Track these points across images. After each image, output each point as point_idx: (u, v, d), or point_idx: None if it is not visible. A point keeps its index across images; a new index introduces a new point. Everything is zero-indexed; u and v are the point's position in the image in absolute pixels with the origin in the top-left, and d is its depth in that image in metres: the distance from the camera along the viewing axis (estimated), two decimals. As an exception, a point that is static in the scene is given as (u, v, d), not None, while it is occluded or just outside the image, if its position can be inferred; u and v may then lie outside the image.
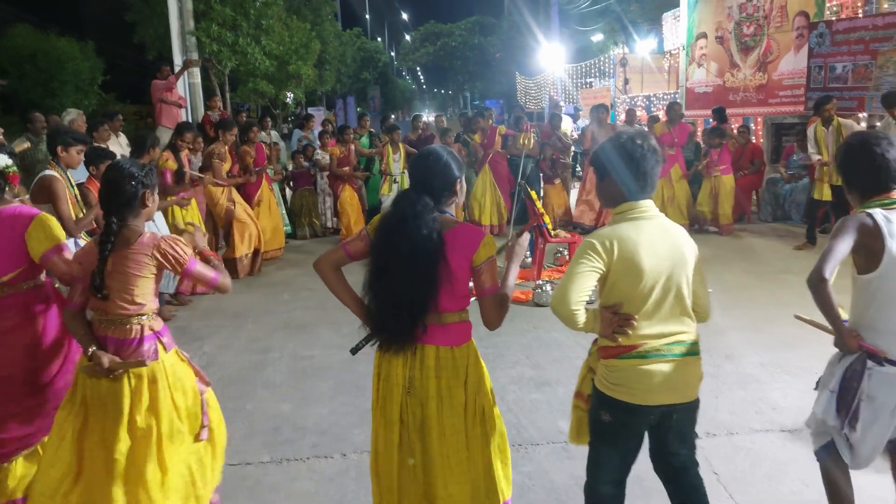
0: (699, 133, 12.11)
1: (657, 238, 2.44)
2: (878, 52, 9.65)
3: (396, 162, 9.93)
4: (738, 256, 8.64)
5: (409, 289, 2.49)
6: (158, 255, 2.83)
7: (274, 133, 11.92)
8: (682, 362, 2.46)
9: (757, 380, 4.80)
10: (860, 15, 11.33)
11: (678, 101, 13.67)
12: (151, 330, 2.89)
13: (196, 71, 12.85)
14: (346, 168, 10.12)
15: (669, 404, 2.47)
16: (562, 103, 18.09)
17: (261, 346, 5.84)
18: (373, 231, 2.63)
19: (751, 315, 6.15)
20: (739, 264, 8.13)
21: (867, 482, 3.15)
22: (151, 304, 2.89)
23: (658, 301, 2.43)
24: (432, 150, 2.68)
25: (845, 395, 2.62)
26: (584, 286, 2.39)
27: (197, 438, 2.98)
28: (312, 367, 5.35)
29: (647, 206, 2.50)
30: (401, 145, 10.25)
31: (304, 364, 5.40)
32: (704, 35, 13.78)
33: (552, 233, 7.64)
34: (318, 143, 11.06)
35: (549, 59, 26.13)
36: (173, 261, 2.85)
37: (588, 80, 23.62)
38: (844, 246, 2.53)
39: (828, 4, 11.40)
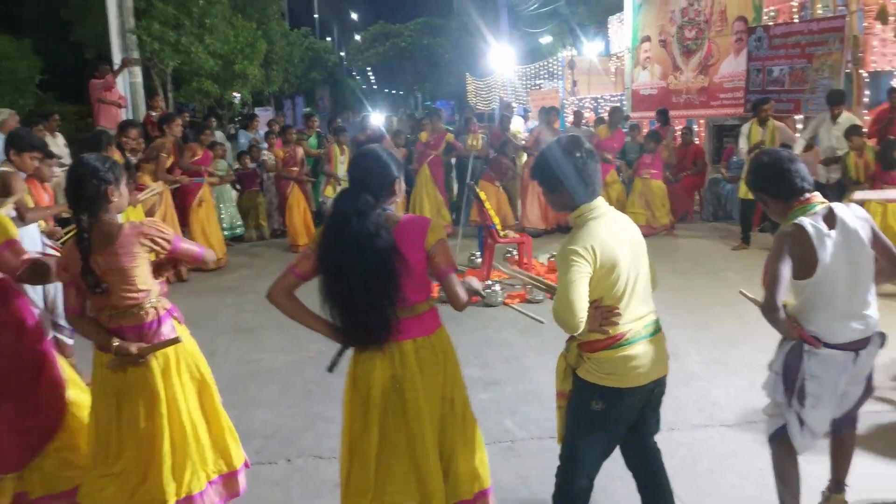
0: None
1: (620, 232, 2.59)
2: (814, 56, 9.99)
3: (343, 164, 9.83)
4: (682, 256, 8.84)
5: (371, 286, 2.51)
6: (147, 241, 2.90)
7: (219, 133, 11.71)
8: (656, 339, 2.65)
9: (699, 377, 4.90)
10: (796, 20, 11.70)
11: (621, 105, 13.92)
12: (165, 309, 3.03)
13: (137, 70, 12.54)
14: (294, 169, 10.00)
15: (655, 380, 2.64)
16: (514, 105, 18.21)
17: (204, 351, 5.57)
18: (317, 244, 2.61)
19: (694, 314, 6.29)
20: (682, 264, 8.32)
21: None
22: (154, 286, 2.99)
23: (631, 288, 2.58)
24: (370, 149, 2.70)
25: (789, 374, 2.83)
26: (584, 292, 2.46)
27: None
28: (259, 370, 5.26)
29: (600, 203, 2.62)
30: (346, 147, 10.17)
31: (250, 368, 5.31)
32: (648, 38, 14.06)
33: (501, 233, 7.68)
34: (265, 143, 10.91)
35: (499, 60, 26.28)
36: (162, 241, 2.94)
37: (537, 82, 23.84)
38: (786, 268, 2.72)
39: (765, 10, 11.75)
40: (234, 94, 16.61)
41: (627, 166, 10.68)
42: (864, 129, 8.57)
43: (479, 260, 8.05)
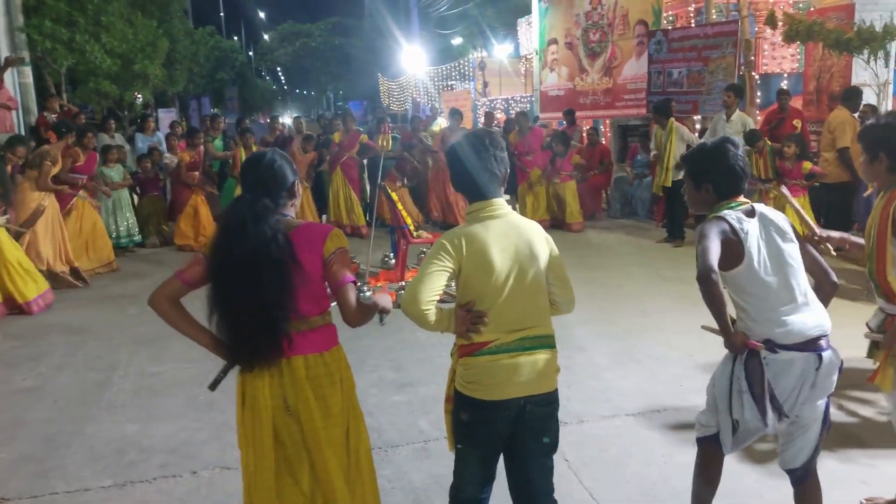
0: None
1: (506, 235, 2.48)
2: (709, 59, 10.45)
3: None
4: (590, 252, 9.08)
5: (264, 298, 2.35)
6: None
7: (118, 136, 11.21)
8: (533, 355, 2.47)
9: (607, 369, 5.04)
10: (692, 24, 12.23)
11: (524, 109, 14.19)
12: None
13: (27, 70, 11.85)
14: (196, 174, 9.68)
15: (522, 397, 2.47)
16: (436, 105, 18.27)
17: (104, 364, 5.46)
18: (209, 250, 2.46)
19: (602, 308, 6.46)
20: (591, 260, 8.55)
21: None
22: None
23: (510, 297, 2.45)
24: (264, 153, 2.59)
25: (753, 390, 2.60)
26: (434, 285, 2.40)
27: None
28: (161, 383, 5.06)
29: (498, 203, 2.53)
30: (255, 149, 9.93)
31: (152, 381, 5.10)
32: (555, 41, 14.39)
33: (414, 234, 7.67)
34: (165, 145, 10.52)
35: (411, 61, 26.33)
36: None
37: (449, 83, 24.01)
38: (715, 244, 2.55)
39: (664, 14, 12.22)
40: (136, 94, 15.92)
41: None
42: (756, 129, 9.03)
43: (393, 261, 8.02)
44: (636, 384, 4.72)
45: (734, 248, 2.58)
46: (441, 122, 11.95)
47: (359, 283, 7.12)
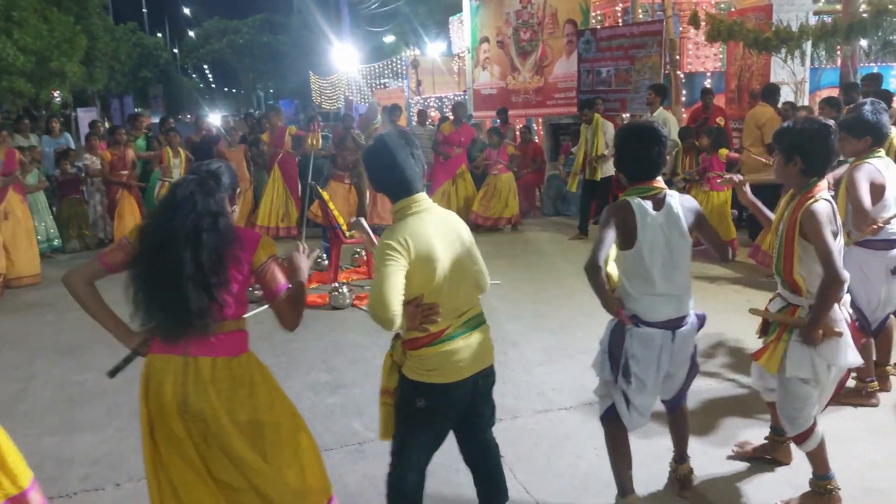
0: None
1: (440, 227, 2.59)
2: (636, 58, 10.70)
3: (177, 167, 9.28)
4: (523, 250, 9.17)
5: (205, 263, 2.33)
6: None
7: (34, 137, 10.71)
8: (478, 333, 2.66)
9: (540, 364, 5.08)
10: (620, 24, 12.49)
11: (463, 101, 14.22)
12: None
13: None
14: (123, 173, 9.35)
15: (476, 372, 2.66)
16: (376, 103, 18.08)
17: (21, 375, 5.20)
18: (134, 237, 2.47)
19: (534, 303, 6.52)
20: (525, 257, 8.63)
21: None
22: None
23: (453, 285, 2.57)
24: (213, 161, 2.64)
25: (614, 351, 2.98)
26: (399, 286, 2.43)
27: None
28: (84, 392, 4.85)
29: (422, 198, 2.62)
30: (181, 149, 9.65)
31: (73, 391, 4.88)
32: (487, 39, 14.46)
33: (347, 234, 7.58)
34: (85, 145, 10.11)
35: (343, 59, 26.06)
36: None
37: (382, 81, 23.88)
38: (609, 235, 2.87)
39: (592, 14, 12.44)
40: (53, 93, 15.27)
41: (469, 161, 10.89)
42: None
43: (326, 262, 7.91)
44: (568, 378, 4.78)
45: (630, 232, 2.88)
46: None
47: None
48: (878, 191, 3.90)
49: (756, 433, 3.80)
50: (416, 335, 2.57)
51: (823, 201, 2.99)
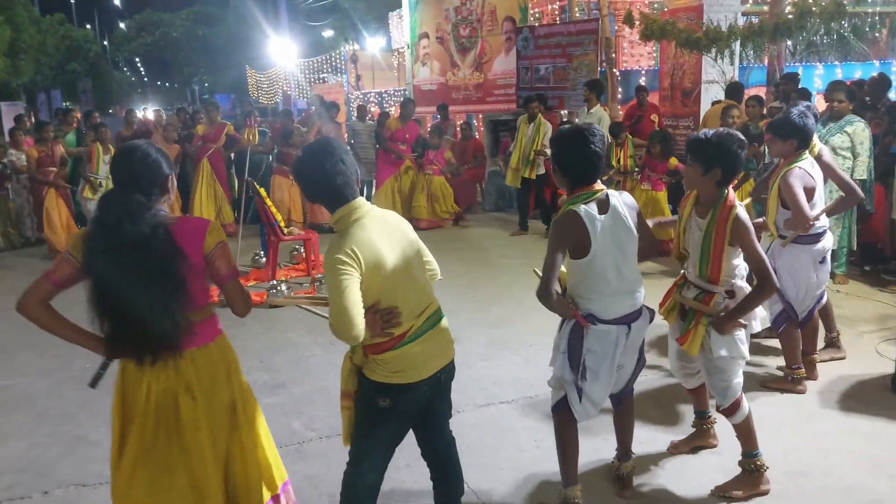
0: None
1: (383, 230, 2.54)
2: (573, 56, 10.85)
3: (106, 163, 8.93)
4: (465, 245, 9.22)
5: (157, 293, 2.32)
6: None
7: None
8: (438, 329, 2.66)
9: (481, 358, 5.12)
10: (557, 22, 12.65)
11: (412, 98, 14.19)
12: None
13: None
14: (52, 170, 9.00)
15: (441, 368, 2.67)
16: (317, 98, 17.81)
17: (-60, 381, 4.95)
18: (77, 250, 2.37)
19: (476, 298, 6.57)
20: (466, 252, 8.67)
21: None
22: None
23: (407, 285, 2.56)
24: (137, 145, 2.49)
25: (573, 352, 3.00)
26: (357, 300, 2.41)
27: None
28: (10, 397, 4.66)
29: (359, 204, 2.55)
30: (111, 146, 9.33)
31: (-3, 396, 4.69)
32: (426, 35, 14.45)
33: (285, 230, 7.48)
34: (10, 140, 9.70)
35: (280, 53, 25.65)
36: None
37: (321, 76, 23.61)
38: (559, 257, 2.90)
39: (530, 11, 12.56)
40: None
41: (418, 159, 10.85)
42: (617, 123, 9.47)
43: (264, 260, 7.79)
44: (510, 372, 4.83)
45: (583, 241, 2.90)
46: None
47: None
48: (809, 193, 4.08)
49: (686, 426, 3.90)
50: (378, 340, 2.54)
51: (742, 209, 3.16)
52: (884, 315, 5.61)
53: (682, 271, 3.48)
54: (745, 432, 3.28)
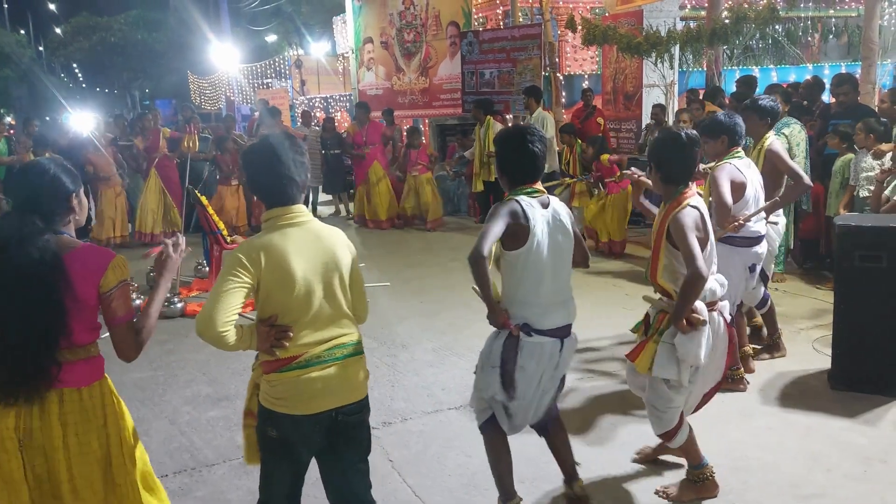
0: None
1: (307, 243, 2.40)
2: (518, 61, 10.92)
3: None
4: (412, 249, 9.18)
5: (30, 324, 2.15)
6: None
7: None
8: (343, 364, 2.45)
9: (430, 364, 5.09)
10: (501, 27, 12.73)
11: (363, 102, 14.08)
12: None
13: None
14: (-23, 179, 8.63)
15: (335, 408, 2.43)
16: (262, 103, 17.53)
17: None
18: None
19: (425, 303, 6.53)
20: (414, 257, 8.63)
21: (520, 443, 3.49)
22: None
23: (314, 307, 2.39)
24: (35, 163, 2.34)
25: (506, 367, 2.86)
26: (232, 304, 2.27)
27: None
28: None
29: (297, 210, 2.44)
30: (48, 153, 9.01)
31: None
32: (371, 40, 14.38)
33: (228, 239, 7.31)
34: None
35: (223, 58, 25.19)
36: None
37: (266, 81, 23.30)
38: (498, 228, 2.78)
39: (474, 16, 12.60)
40: None
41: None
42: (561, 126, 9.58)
43: (207, 269, 7.60)
44: (458, 378, 4.80)
45: (520, 231, 2.83)
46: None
47: (170, 294, 6.73)
48: (738, 189, 4.14)
49: (635, 429, 3.93)
50: (268, 357, 2.40)
51: (690, 208, 3.08)
52: (820, 311, 5.78)
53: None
54: (688, 450, 3.25)
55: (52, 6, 45.02)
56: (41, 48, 42.70)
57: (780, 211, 4.75)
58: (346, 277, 2.48)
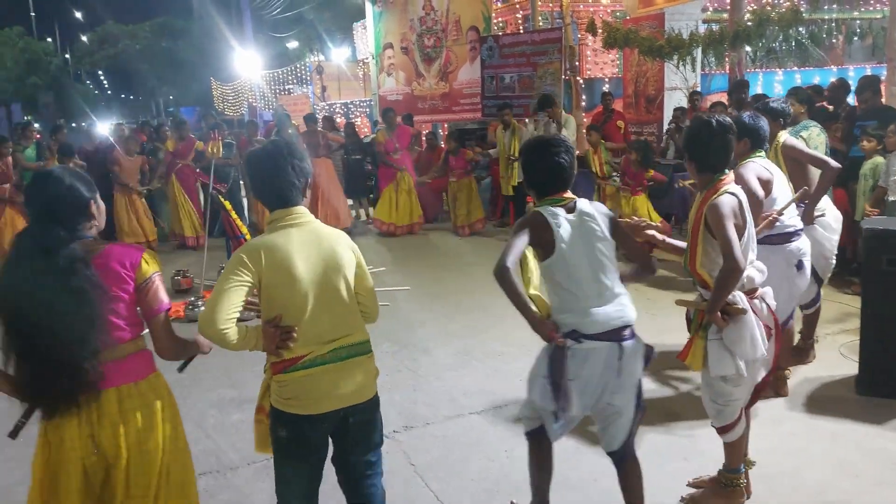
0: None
1: (308, 244, 2.43)
2: (538, 65, 10.93)
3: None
4: (432, 253, 9.20)
5: (67, 336, 2.15)
6: None
7: None
8: (350, 364, 2.48)
9: (451, 368, 5.09)
10: (521, 31, 12.74)
11: (391, 108, 14.14)
12: None
13: None
14: (5, 186, 8.79)
15: (343, 408, 2.47)
16: (282, 108, 17.68)
17: None
18: None
19: (445, 307, 6.53)
20: (433, 260, 8.65)
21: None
22: None
23: (318, 308, 2.42)
24: (50, 172, 2.33)
25: (555, 378, 2.76)
26: (232, 302, 2.29)
27: None
28: (-36, 422, 4.50)
29: (299, 212, 2.48)
30: (76, 161, 9.16)
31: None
32: (391, 45, 14.47)
33: (251, 243, 7.38)
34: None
35: (245, 64, 25.49)
36: None
37: (287, 87, 23.51)
38: (521, 241, 2.74)
39: (494, 21, 12.64)
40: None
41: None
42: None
43: (231, 273, 7.67)
44: (479, 382, 4.80)
45: (547, 241, 2.76)
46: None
47: (193, 298, 6.82)
48: (765, 185, 4.09)
49: (667, 437, 3.91)
50: (275, 358, 2.43)
51: (728, 195, 3.01)
52: (847, 315, 5.71)
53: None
54: (733, 449, 3.20)
55: (78, 15, 45.79)
56: (68, 56, 43.42)
57: (826, 204, 4.67)
58: (350, 277, 2.51)
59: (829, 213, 4.73)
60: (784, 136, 4.61)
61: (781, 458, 3.64)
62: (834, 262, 4.83)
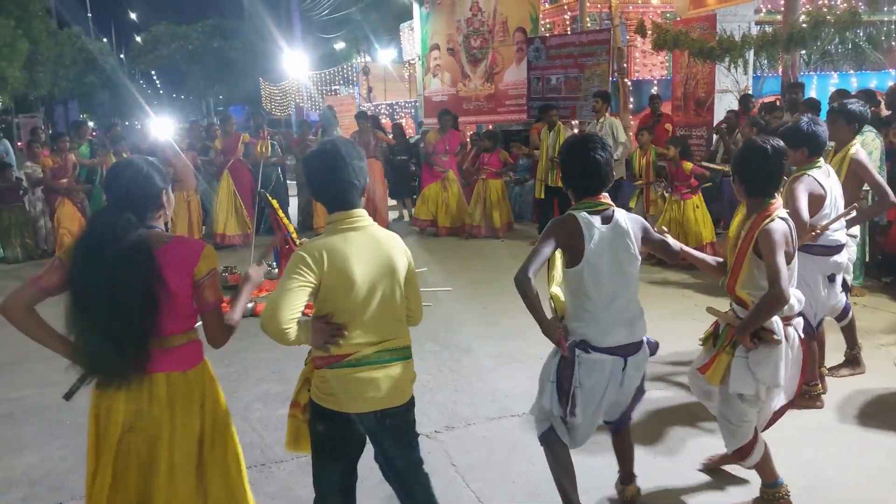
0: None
1: (367, 247, 2.47)
2: (585, 66, 10.85)
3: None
4: (474, 255, 9.20)
5: (124, 317, 2.28)
6: None
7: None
8: (392, 367, 2.52)
9: (493, 370, 5.10)
10: (569, 32, 12.67)
11: (447, 109, 14.21)
12: None
13: None
14: (64, 180, 9.10)
15: (380, 410, 2.50)
16: (329, 109, 17.89)
17: (-45, 392, 4.99)
18: (69, 258, 2.35)
19: (486, 309, 6.53)
20: (474, 262, 8.66)
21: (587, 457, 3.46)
22: None
23: (369, 309, 2.46)
24: (129, 161, 2.48)
25: (562, 384, 2.86)
26: (296, 302, 2.34)
27: None
28: (22, 409, 4.68)
29: (357, 214, 2.51)
30: (126, 156, 9.44)
31: (10, 407, 4.71)
32: (437, 46, 14.52)
33: (297, 242, 7.49)
34: (27, 153, 9.83)
35: (293, 65, 25.86)
36: None
37: (333, 88, 23.78)
38: (548, 248, 2.79)
39: (541, 22, 12.58)
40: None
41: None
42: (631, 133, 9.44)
43: (276, 271, 7.80)
44: (521, 384, 4.78)
45: (576, 246, 2.79)
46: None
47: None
48: (817, 201, 4.00)
49: (703, 442, 3.86)
50: (321, 353, 2.48)
51: (780, 220, 2.99)
52: (902, 327, 5.54)
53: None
54: (763, 467, 3.16)
55: (133, 15, 47.05)
56: (122, 55, 44.65)
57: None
58: (402, 282, 2.55)
59: (857, 232, 4.63)
60: (856, 148, 4.46)
61: (831, 471, 3.56)
62: (852, 269, 4.70)
